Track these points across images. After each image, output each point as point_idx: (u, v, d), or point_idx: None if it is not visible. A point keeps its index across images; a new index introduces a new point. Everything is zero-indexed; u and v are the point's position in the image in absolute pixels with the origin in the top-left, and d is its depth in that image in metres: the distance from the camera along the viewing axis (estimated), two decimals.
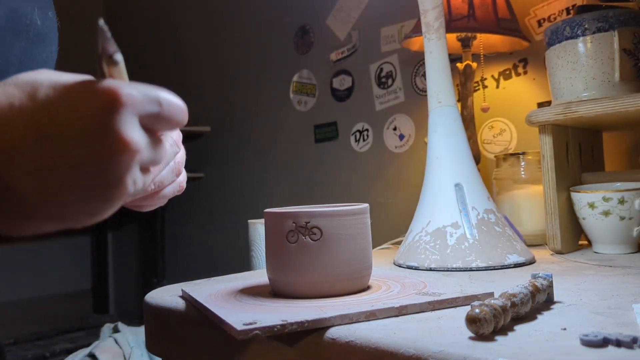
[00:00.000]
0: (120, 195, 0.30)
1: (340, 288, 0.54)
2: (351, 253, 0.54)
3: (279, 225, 0.55)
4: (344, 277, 0.54)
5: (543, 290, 0.48)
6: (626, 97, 0.79)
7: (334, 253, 0.53)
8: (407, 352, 0.39)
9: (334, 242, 0.53)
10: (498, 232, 0.76)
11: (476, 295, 0.52)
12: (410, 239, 0.80)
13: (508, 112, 1.26)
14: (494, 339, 0.40)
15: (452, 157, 0.80)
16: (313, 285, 0.53)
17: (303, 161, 1.73)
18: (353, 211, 0.55)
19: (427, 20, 0.79)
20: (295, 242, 0.53)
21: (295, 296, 0.54)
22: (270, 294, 0.56)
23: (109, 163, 0.29)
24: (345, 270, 0.54)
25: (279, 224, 0.55)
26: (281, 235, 0.54)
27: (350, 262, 0.54)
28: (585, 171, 0.94)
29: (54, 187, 0.29)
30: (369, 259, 0.57)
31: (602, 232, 0.83)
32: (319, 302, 0.51)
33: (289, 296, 0.54)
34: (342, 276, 0.54)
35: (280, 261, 0.55)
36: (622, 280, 0.62)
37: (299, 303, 0.51)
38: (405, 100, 1.48)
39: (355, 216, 0.55)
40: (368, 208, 0.57)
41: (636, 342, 0.37)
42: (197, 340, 0.55)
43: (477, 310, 0.40)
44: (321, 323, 0.45)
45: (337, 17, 1.64)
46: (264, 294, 0.56)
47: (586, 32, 0.83)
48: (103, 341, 1.54)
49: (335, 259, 0.53)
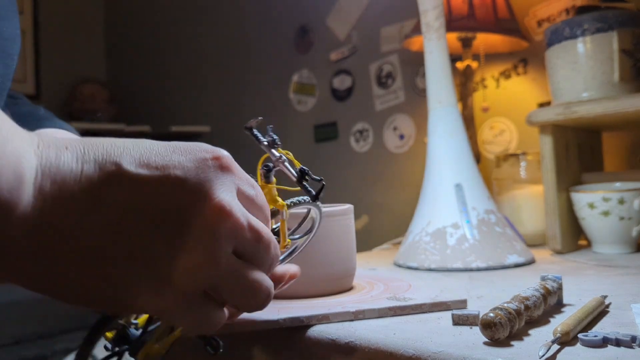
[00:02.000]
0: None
1: (322, 289, 0.53)
2: (333, 254, 0.53)
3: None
4: (323, 279, 0.53)
5: (554, 293, 0.47)
6: (626, 97, 0.79)
7: (314, 254, 0.52)
8: (406, 352, 0.39)
9: (314, 243, 0.51)
10: (498, 232, 0.76)
11: (445, 302, 0.50)
12: (410, 239, 0.80)
13: (508, 112, 1.26)
14: (510, 344, 0.38)
15: (452, 157, 0.80)
16: (293, 285, 0.53)
17: (303, 161, 1.72)
18: (334, 212, 0.54)
19: (427, 20, 0.80)
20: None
21: (277, 297, 0.52)
22: None
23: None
24: (323, 272, 0.53)
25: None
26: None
27: (332, 264, 0.53)
28: (585, 171, 0.94)
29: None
30: (352, 261, 0.56)
31: (602, 232, 0.83)
32: (294, 303, 0.51)
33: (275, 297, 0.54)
34: (320, 277, 0.53)
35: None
36: (622, 280, 0.62)
37: (275, 304, 0.50)
38: (406, 100, 1.48)
39: (336, 217, 0.54)
40: (351, 209, 0.56)
41: (635, 342, 0.37)
42: (197, 340, 0.55)
43: (492, 314, 0.38)
44: (271, 325, 0.45)
45: (337, 17, 1.64)
46: None
47: (586, 32, 0.84)
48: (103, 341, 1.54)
49: (314, 260, 0.52)
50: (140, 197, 0.28)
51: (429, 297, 0.51)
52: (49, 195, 0.27)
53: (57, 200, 0.27)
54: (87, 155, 0.28)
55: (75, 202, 0.27)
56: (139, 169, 0.29)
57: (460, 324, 0.44)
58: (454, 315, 0.45)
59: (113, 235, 0.28)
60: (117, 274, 0.28)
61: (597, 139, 1.04)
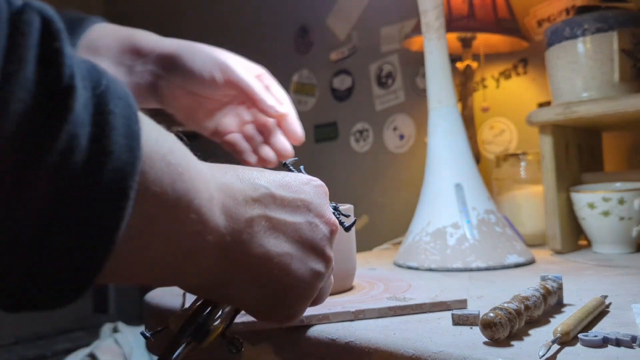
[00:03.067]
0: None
1: None
2: (333, 254, 0.53)
3: None
4: None
5: (554, 293, 0.47)
6: (626, 97, 0.79)
7: None
8: (407, 352, 0.39)
9: None
10: (498, 232, 0.76)
11: (445, 302, 0.50)
12: (410, 239, 0.80)
13: (508, 112, 1.26)
14: (510, 344, 0.38)
15: (452, 157, 0.80)
16: None
17: (303, 161, 1.73)
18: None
19: (427, 20, 0.79)
20: None
21: None
22: None
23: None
24: None
25: None
26: None
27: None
28: (585, 171, 0.94)
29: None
30: (352, 261, 0.56)
31: (602, 232, 0.83)
32: None
33: None
34: None
35: None
36: (622, 280, 0.62)
37: None
38: (406, 100, 1.48)
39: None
40: (351, 209, 0.56)
41: (635, 342, 0.37)
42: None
43: (492, 314, 0.38)
44: (271, 324, 0.45)
45: (337, 17, 1.64)
46: None
47: (586, 32, 0.84)
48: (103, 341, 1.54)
49: None
50: (286, 216, 0.36)
51: (429, 297, 0.51)
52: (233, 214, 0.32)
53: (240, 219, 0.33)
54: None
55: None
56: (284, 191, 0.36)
57: (460, 324, 0.44)
58: (454, 315, 0.45)
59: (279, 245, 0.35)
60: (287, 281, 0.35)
61: (597, 139, 1.04)
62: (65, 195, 0.22)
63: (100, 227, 0.23)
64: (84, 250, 0.23)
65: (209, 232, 0.30)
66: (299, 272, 0.35)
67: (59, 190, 0.22)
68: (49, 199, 0.22)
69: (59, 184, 0.22)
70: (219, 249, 0.31)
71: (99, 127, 0.23)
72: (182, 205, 0.28)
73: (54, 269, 0.23)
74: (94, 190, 0.23)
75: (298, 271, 0.35)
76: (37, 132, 0.21)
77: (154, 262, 0.28)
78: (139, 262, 0.28)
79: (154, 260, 0.28)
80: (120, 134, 0.23)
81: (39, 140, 0.21)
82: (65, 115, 0.22)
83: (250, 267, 0.33)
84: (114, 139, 0.23)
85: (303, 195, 0.37)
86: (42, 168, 0.21)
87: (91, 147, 0.22)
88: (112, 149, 0.23)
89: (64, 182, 0.22)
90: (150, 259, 0.28)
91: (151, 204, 0.26)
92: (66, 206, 0.22)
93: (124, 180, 0.23)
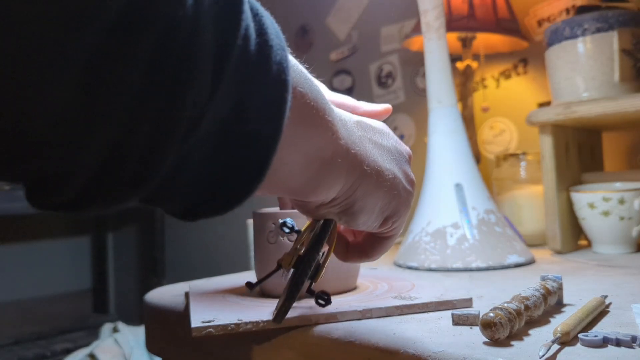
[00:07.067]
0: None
1: (327, 288, 0.53)
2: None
3: (261, 226, 0.55)
4: (328, 278, 0.52)
5: (554, 293, 0.47)
6: (626, 97, 0.79)
7: None
8: (407, 352, 0.39)
9: None
10: (498, 232, 0.76)
11: (450, 301, 0.50)
12: (410, 239, 0.80)
13: (508, 112, 1.26)
14: (510, 344, 0.38)
15: (452, 157, 0.80)
16: None
17: None
18: None
19: (427, 20, 0.79)
20: (274, 242, 0.53)
21: (278, 296, 0.53)
22: (259, 294, 0.56)
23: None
24: (328, 271, 0.53)
25: (261, 225, 0.55)
26: (263, 235, 0.54)
27: (337, 263, 0.53)
28: (585, 171, 0.94)
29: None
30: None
31: (602, 232, 0.83)
32: (299, 302, 0.51)
33: (275, 296, 0.54)
34: (325, 277, 0.53)
35: (262, 261, 0.55)
36: (622, 280, 0.62)
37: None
38: (406, 100, 1.48)
39: None
40: None
41: (635, 342, 0.37)
42: (196, 340, 0.55)
43: (492, 314, 0.38)
44: (270, 325, 0.45)
45: (337, 17, 1.64)
46: (253, 294, 0.56)
47: (586, 32, 0.84)
48: (103, 341, 1.54)
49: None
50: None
51: (434, 296, 0.51)
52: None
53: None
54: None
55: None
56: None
57: (460, 324, 0.44)
58: (454, 315, 0.44)
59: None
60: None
61: (597, 139, 1.04)
62: (245, 87, 0.23)
63: (269, 118, 0.24)
64: (258, 140, 0.24)
65: (339, 139, 0.31)
66: (403, 189, 0.37)
67: (241, 83, 0.23)
68: (235, 93, 0.23)
69: (241, 76, 0.23)
70: (346, 160, 0.32)
71: (258, 24, 0.25)
72: (320, 108, 0.29)
73: (240, 155, 0.24)
74: (266, 80, 0.24)
75: (402, 187, 0.37)
76: (224, 19, 0.22)
77: (297, 169, 0.29)
78: (291, 162, 0.29)
79: (298, 167, 0.29)
80: (272, 33, 0.25)
81: (226, 29, 0.22)
82: (242, 7, 0.23)
83: (369, 181, 0.34)
84: (270, 36, 0.25)
85: (380, 126, 0.38)
86: (229, 59, 0.22)
87: (258, 40, 0.24)
88: (272, 43, 0.25)
89: (243, 73, 0.23)
90: (294, 165, 0.29)
91: (299, 101, 0.28)
92: (247, 95, 0.24)
93: (283, 74, 0.25)
